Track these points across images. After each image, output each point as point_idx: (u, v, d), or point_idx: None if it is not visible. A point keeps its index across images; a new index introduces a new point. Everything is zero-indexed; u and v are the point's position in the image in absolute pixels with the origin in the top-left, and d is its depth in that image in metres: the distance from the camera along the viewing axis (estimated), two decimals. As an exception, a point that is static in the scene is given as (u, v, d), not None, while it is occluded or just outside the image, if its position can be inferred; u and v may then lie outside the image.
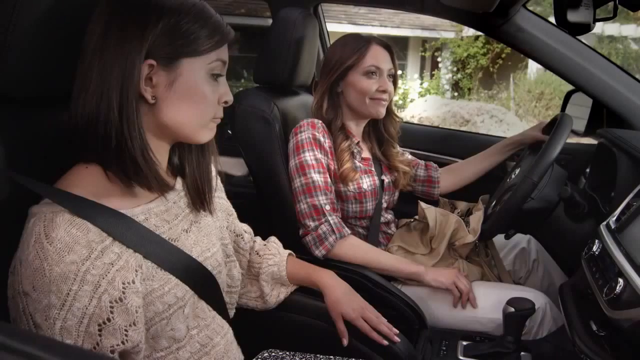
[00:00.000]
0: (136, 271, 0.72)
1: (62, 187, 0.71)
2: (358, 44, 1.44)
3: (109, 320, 0.68)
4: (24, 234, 0.67)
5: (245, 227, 1.14)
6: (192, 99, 0.76)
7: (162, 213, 0.81)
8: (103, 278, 0.68)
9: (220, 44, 0.78)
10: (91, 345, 0.67)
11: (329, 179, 1.38)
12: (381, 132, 1.58)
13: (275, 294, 1.15)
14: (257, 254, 1.15)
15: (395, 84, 1.50)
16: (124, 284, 0.70)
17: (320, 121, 1.42)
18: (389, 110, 1.55)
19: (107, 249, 0.69)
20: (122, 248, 0.71)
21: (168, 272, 0.78)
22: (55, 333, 0.64)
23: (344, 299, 1.11)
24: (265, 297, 1.14)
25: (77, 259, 0.65)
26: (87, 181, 0.72)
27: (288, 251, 1.20)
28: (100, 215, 0.70)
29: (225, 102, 0.81)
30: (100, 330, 0.67)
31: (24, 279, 0.64)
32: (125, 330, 0.70)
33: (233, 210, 1.08)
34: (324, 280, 1.14)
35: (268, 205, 1.48)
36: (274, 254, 1.16)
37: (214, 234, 0.93)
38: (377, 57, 1.44)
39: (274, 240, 1.21)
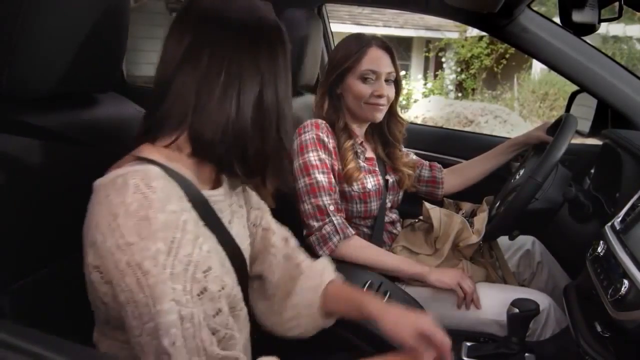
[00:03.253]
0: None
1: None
2: (356, 46, 1.42)
3: (210, 268, 0.71)
4: (110, 193, 0.66)
5: (279, 228, 1.04)
6: None
7: (215, 203, 0.83)
8: (199, 229, 0.73)
9: None
10: (199, 290, 0.69)
11: (333, 180, 1.38)
12: (385, 134, 1.57)
13: (295, 325, 0.98)
14: (298, 267, 1.01)
15: (397, 86, 1.48)
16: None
17: (324, 121, 1.42)
18: (393, 113, 1.54)
19: (191, 208, 0.72)
20: (197, 216, 0.74)
21: (225, 254, 0.81)
22: (165, 279, 0.65)
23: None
24: (281, 322, 0.99)
25: (177, 208, 0.68)
26: (161, 159, 0.74)
27: (331, 277, 1.02)
28: (180, 180, 0.73)
29: None
30: (205, 276, 0.70)
31: (127, 230, 0.64)
32: (222, 279, 0.74)
33: (263, 205, 1.02)
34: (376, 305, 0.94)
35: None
36: (319, 271, 1.02)
37: (247, 227, 0.95)
38: (374, 60, 1.41)
39: (323, 261, 1.05)
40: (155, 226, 0.65)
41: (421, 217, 1.55)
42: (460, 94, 10.69)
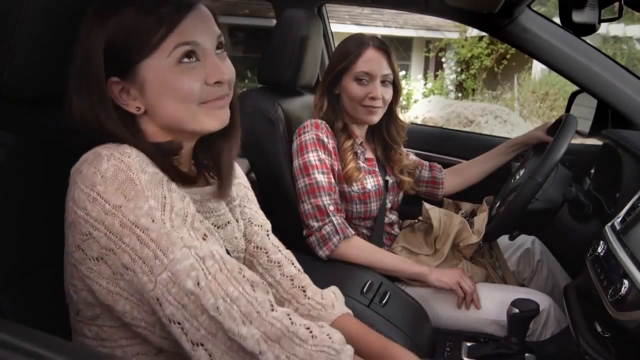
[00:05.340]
0: None
1: None
2: (352, 47, 1.43)
3: (201, 220, 0.70)
4: (83, 169, 0.65)
5: (282, 250, 0.98)
6: (168, 96, 0.71)
7: (195, 202, 0.79)
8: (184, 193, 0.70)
9: (174, 23, 0.68)
10: (202, 236, 0.67)
11: (332, 180, 1.38)
12: (384, 136, 1.57)
13: None
14: (304, 290, 0.93)
15: (396, 88, 1.47)
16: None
17: (324, 122, 1.42)
18: (393, 115, 1.54)
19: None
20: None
21: None
22: (168, 231, 0.63)
23: None
24: None
25: (158, 171, 0.67)
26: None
27: (346, 310, 0.93)
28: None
29: (217, 82, 0.73)
30: (202, 224, 0.69)
31: (111, 195, 0.62)
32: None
33: (264, 222, 0.99)
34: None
35: (271, 205, 1.48)
36: (325, 305, 0.91)
37: (241, 239, 0.92)
38: (369, 62, 1.41)
39: (334, 290, 0.96)
40: (140, 185, 0.63)
41: (420, 218, 1.55)
42: (460, 94, 10.69)
